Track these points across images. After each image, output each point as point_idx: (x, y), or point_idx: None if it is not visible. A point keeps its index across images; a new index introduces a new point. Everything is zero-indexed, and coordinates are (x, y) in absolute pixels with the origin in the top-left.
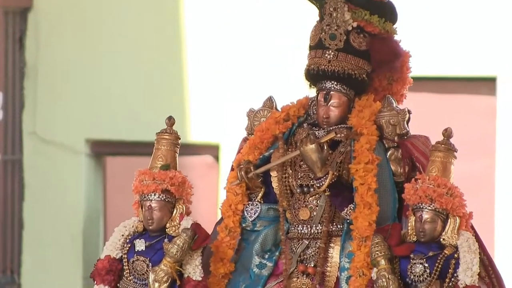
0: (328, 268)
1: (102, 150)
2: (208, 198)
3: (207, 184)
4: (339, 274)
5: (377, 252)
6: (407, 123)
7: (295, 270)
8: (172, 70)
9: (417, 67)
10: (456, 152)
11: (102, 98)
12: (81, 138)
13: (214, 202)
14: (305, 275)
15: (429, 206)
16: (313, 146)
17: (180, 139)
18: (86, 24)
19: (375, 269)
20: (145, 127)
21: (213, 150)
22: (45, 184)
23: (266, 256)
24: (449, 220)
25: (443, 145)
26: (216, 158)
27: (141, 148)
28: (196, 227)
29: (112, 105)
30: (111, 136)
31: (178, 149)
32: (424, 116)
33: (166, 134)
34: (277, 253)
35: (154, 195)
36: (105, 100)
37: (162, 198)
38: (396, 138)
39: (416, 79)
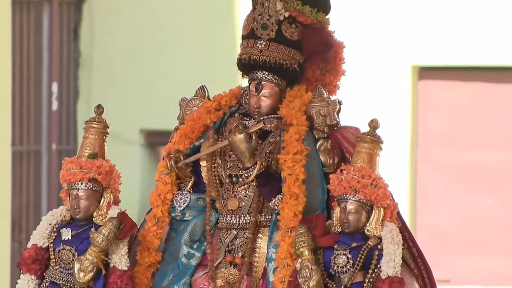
0: (256, 259)
1: (157, 140)
2: None
3: None
4: (266, 265)
5: (300, 243)
6: (338, 114)
7: (223, 260)
8: (226, 59)
9: (472, 57)
10: (382, 143)
11: (156, 88)
12: (135, 128)
13: None
14: (232, 265)
15: (353, 197)
16: (241, 136)
17: (108, 127)
18: (140, 14)
19: (299, 260)
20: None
21: None
22: None
23: (195, 246)
24: (373, 211)
25: (369, 136)
26: None
27: None
28: (122, 216)
29: (166, 95)
30: (165, 126)
31: (106, 138)
32: (478, 105)
33: (94, 122)
34: (205, 243)
35: (81, 184)
36: (159, 90)
37: (89, 187)
38: (326, 129)
39: (470, 68)
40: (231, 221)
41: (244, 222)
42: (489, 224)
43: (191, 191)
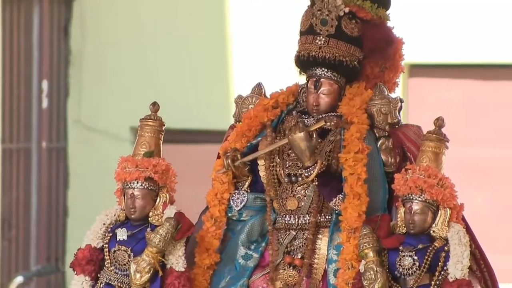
0: (316, 260)
1: None
2: None
3: None
4: (326, 266)
5: (365, 244)
6: (399, 112)
7: (282, 261)
8: (217, 58)
9: (463, 54)
10: (448, 142)
11: (146, 86)
12: (125, 125)
13: None
14: (292, 267)
15: (419, 197)
16: (301, 134)
17: (164, 125)
18: (130, 12)
19: (363, 262)
20: (189, 115)
21: None
22: (90, 172)
23: (252, 247)
24: (439, 212)
25: (434, 135)
26: None
27: (184, 136)
28: (179, 216)
29: (156, 93)
30: None
31: (162, 136)
32: (468, 103)
33: (150, 120)
34: (263, 244)
35: (137, 182)
36: (149, 88)
37: (145, 186)
38: (387, 128)
39: (460, 66)
40: (289, 222)
41: (304, 222)
42: (479, 222)
43: (249, 191)
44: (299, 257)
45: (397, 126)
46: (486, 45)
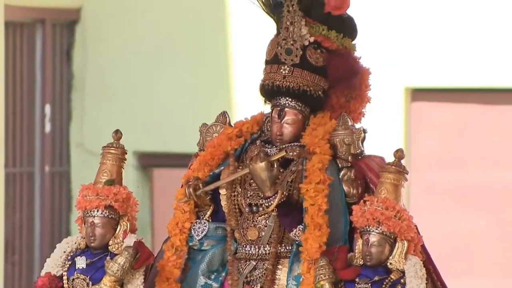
0: None
1: (150, 162)
2: None
3: None
4: None
5: (321, 276)
6: (362, 143)
7: None
8: (219, 81)
9: (464, 79)
10: (407, 174)
11: (149, 111)
12: (128, 150)
13: None
14: None
15: (376, 229)
16: (262, 164)
17: (126, 153)
18: (133, 37)
19: None
20: (192, 139)
21: None
22: None
23: (212, 277)
24: (396, 244)
25: (393, 167)
26: None
27: (188, 160)
28: (138, 245)
29: (159, 117)
30: (158, 148)
31: (124, 164)
32: (470, 127)
33: (112, 148)
34: (223, 274)
35: (97, 211)
36: (152, 112)
37: (105, 215)
38: (350, 158)
39: (462, 90)
40: (250, 252)
41: (264, 252)
42: (482, 245)
43: (210, 220)
44: (259, 287)
45: (360, 157)
46: (487, 69)
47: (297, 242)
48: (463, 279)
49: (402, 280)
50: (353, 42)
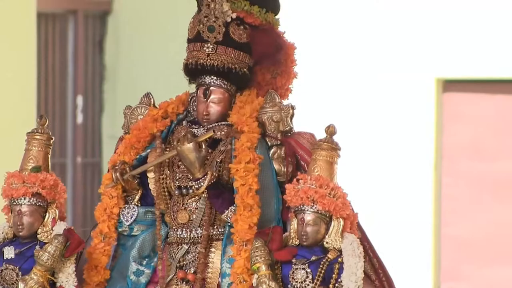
0: (209, 274)
1: None
2: None
3: None
4: (220, 281)
5: (257, 258)
6: (291, 119)
7: (174, 276)
8: None
9: (496, 69)
10: (340, 150)
11: None
12: None
13: None
14: (184, 282)
15: (311, 207)
16: (190, 145)
17: (52, 139)
18: (164, 27)
19: (255, 276)
20: None
21: None
22: None
23: (144, 263)
24: (332, 223)
25: (326, 143)
26: None
27: None
28: (68, 233)
29: None
30: None
31: (50, 150)
32: (502, 117)
33: (37, 134)
34: (155, 259)
35: (24, 199)
36: None
37: (33, 202)
38: (279, 136)
39: (494, 81)
40: (181, 235)
41: (196, 236)
42: None
43: (139, 205)
44: (192, 271)
45: (289, 134)
46: None
47: (229, 224)
48: (495, 268)
49: (339, 259)
50: (277, 17)
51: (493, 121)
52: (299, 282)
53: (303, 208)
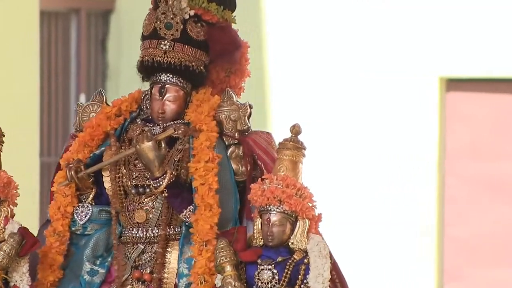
0: (166, 275)
1: None
2: None
3: None
4: (177, 281)
5: (222, 258)
6: (249, 118)
7: (130, 276)
8: (252, 73)
9: (499, 69)
10: (305, 150)
11: None
12: None
13: None
14: (140, 282)
15: (277, 208)
16: (150, 144)
17: (4, 135)
18: None
19: (219, 276)
20: None
21: None
22: None
23: (98, 262)
24: (298, 223)
25: (291, 143)
26: None
27: None
28: (23, 231)
29: None
30: None
31: (2, 147)
32: (506, 117)
33: None
34: (109, 259)
35: None
36: None
37: None
38: (236, 135)
39: (497, 80)
40: (137, 235)
41: (152, 235)
42: None
43: (93, 203)
44: (148, 271)
45: (246, 133)
46: None
47: (186, 224)
48: (498, 269)
49: (305, 260)
50: (233, 15)
51: (496, 121)
52: (265, 283)
53: (269, 208)
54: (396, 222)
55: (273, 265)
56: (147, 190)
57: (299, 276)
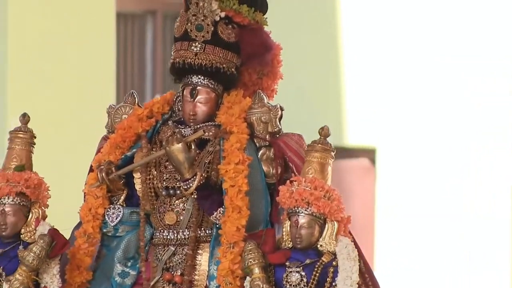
0: (196, 277)
1: None
2: (364, 202)
3: (364, 188)
4: (208, 283)
5: (250, 260)
6: (280, 120)
7: (161, 278)
8: (328, 72)
9: None
10: (334, 152)
11: None
12: None
13: (371, 205)
14: (171, 284)
15: (305, 210)
16: (179, 145)
17: (35, 137)
18: None
19: (248, 278)
20: (302, 130)
21: (369, 154)
22: None
23: (129, 264)
24: (326, 225)
25: (320, 145)
26: (373, 161)
27: None
28: (53, 233)
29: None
30: None
31: (33, 149)
32: None
33: (20, 132)
34: (140, 261)
35: (8, 198)
36: None
37: (17, 202)
38: (268, 137)
39: None
40: (168, 237)
41: (183, 237)
42: None
43: (124, 205)
44: (179, 273)
45: (277, 135)
46: None
47: (217, 226)
48: None
49: (334, 263)
50: (264, 17)
51: None
52: (293, 286)
53: (297, 210)
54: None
55: (301, 268)
56: (178, 192)
57: (327, 279)
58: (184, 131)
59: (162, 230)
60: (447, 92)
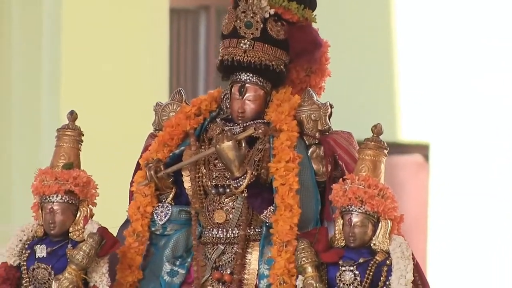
0: (246, 276)
1: None
2: (417, 198)
3: (417, 184)
4: (258, 282)
5: (303, 259)
6: (329, 118)
7: (210, 277)
8: (382, 68)
9: None
10: (387, 150)
11: None
12: None
13: (424, 201)
14: (221, 283)
15: (359, 208)
16: (230, 143)
17: (83, 135)
18: None
19: (300, 277)
20: (356, 127)
21: (423, 149)
22: None
23: (178, 263)
24: (380, 224)
25: (373, 143)
26: (426, 157)
27: None
28: (103, 231)
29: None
30: None
31: (81, 146)
32: None
33: (68, 130)
34: (189, 260)
35: (56, 196)
36: None
37: (65, 200)
38: (317, 135)
39: None
40: (217, 235)
41: (232, 236)
42: None
43: (173, 203)
44: (228, 272)
45: (327, 133)
46: None
47: (267, 224)
48: None
49: (388, 262)
50: (313, 14)
51: None
52: (347, 285)
53: (350, 209)
54: None
55: (355, 267)
56: (227, 190)
57: (381, 278)
58: (233, 129)
59: (211, 229)
60: (501, 87)
